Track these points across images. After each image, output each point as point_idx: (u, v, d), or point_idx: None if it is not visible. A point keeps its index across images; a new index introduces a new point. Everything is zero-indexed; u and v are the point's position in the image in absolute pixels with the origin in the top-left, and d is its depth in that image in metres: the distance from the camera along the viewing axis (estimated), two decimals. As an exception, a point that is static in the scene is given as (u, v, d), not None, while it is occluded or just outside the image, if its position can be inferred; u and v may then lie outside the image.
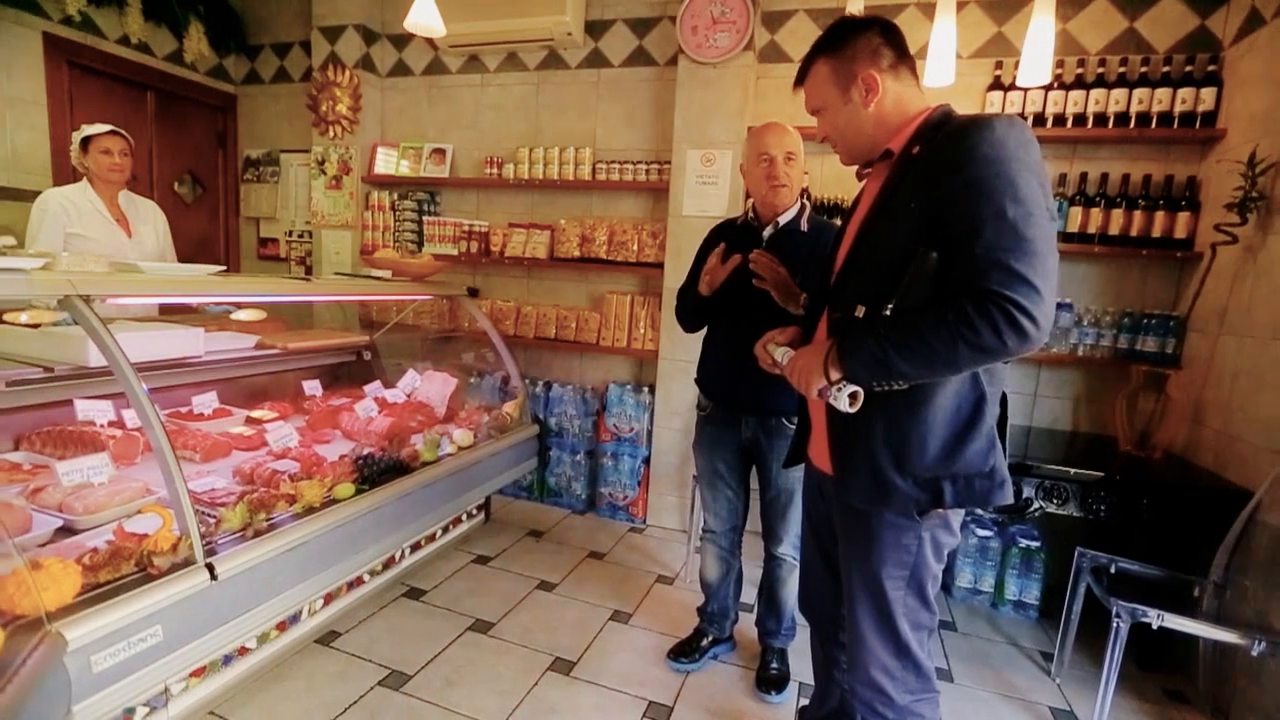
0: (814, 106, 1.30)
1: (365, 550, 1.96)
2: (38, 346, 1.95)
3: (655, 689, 2.04)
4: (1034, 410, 2.92)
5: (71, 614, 1.18)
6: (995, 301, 0.98)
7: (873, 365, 1.09)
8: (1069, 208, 2.69)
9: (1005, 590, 2.65)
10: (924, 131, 1.15)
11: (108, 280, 1.55)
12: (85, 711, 1.19)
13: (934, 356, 1.03)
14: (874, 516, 1.22)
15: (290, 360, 2.79)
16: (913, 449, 1.14)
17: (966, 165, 1.03)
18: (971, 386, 1.14)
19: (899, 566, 1.22)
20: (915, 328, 1.05)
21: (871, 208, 1.22)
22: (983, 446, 1.15)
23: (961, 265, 1.02)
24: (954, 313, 1.01)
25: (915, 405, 1.13)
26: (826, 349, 1.15)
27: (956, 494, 1.14)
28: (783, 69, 3.13)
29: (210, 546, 1.49)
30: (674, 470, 3.29)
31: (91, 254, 2.28)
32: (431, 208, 3.87)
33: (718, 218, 3.10)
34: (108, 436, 1.94)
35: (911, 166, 1.14)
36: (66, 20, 3.44)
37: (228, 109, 4.42)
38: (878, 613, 1.26)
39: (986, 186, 1.01)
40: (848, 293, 1.21)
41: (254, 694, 1.86)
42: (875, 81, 1.19)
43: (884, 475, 1.16)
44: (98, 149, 2.59)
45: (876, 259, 1.17)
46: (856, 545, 1.28)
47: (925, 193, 1.08)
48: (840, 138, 1.28)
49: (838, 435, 1.25)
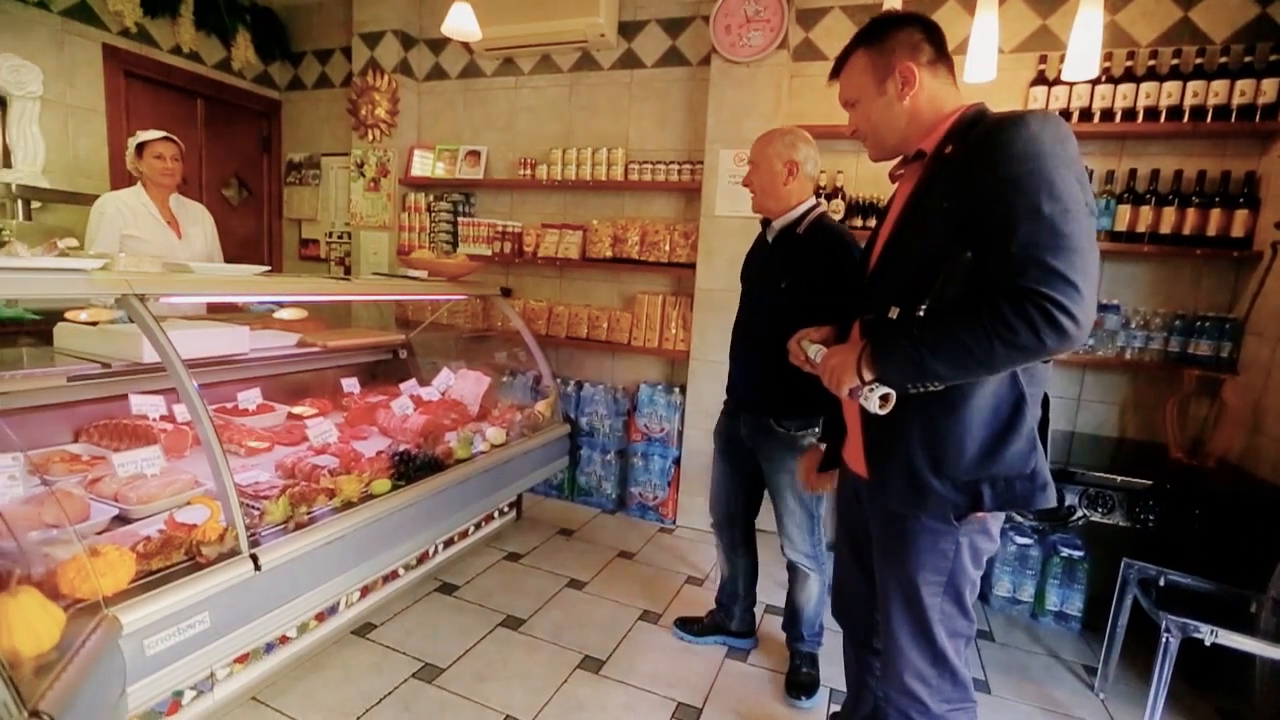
0: (848, 98, 1.28)
1: (400, 545, 2.00)
2: (96, 343, 2.04)
3: (684, 690, 2.04)
4: (1078, 415, 2.83)
5: (126, 599, 1.24)
6: (1032, 299, 0.95)
7: (906, 366, 1.07)
8: (1117, 206, 2.60)
9: (1046, 600, 2.57)
10: (957, 131, 1.13)
11: (161, 280, 1.61)
12: (138, 693, 1.25)
13: (969, 357, 1.01)
14: (910, 520, 1.20)
15: (330, 358, 2.86)
16: (950, 451, 1.12)
17: (1001, 163, 1.01)
18: (1010, 387, 1.11)
19: (936, 572, 1.19)
20: (949, 328, 1.03)
21: (904, 209, 1.21)
22: (1023, 448, 1.11)
23: (997, 264, 1.00)
24: (990, 312, 0.98)
25: (952, 406, 1.11)
26: (860, 348, 1.14)
27: (996, 497, 1.11)
28: (817, 67, 3.09)
29: (254, 538, 1.54)
30: (704, 471, 3.27)
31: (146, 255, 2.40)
32: (466, 209, 3.93)
33: (751, 218, 3.08)
34: (159, 430, 2.02)
35: (944, 166, 1.12)
36: (124, 32, 3.60)
37: (272, 115, 4.56)
38: (913, 619, 1.23)
39: (1021, 183, 0.98)
40: (881, 294, 1.19)
41: (294, 682, 1.91)
42: (912, 74, 1.18)
43: (921, 478, 1.14)
44: (151, 154, 2.71)
45: (909, 260, 1.15)
46: (892, 550, 1.25)
47: (959, 192, 1.07)
48: (872, 130, 1.26)
49: (873, 437, 1.23)
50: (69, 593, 1.16)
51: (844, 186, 3.01)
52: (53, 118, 3.35)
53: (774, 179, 1.92)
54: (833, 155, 3.08)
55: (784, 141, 1.91)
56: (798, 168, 1.90)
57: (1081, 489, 2.24)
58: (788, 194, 1.93)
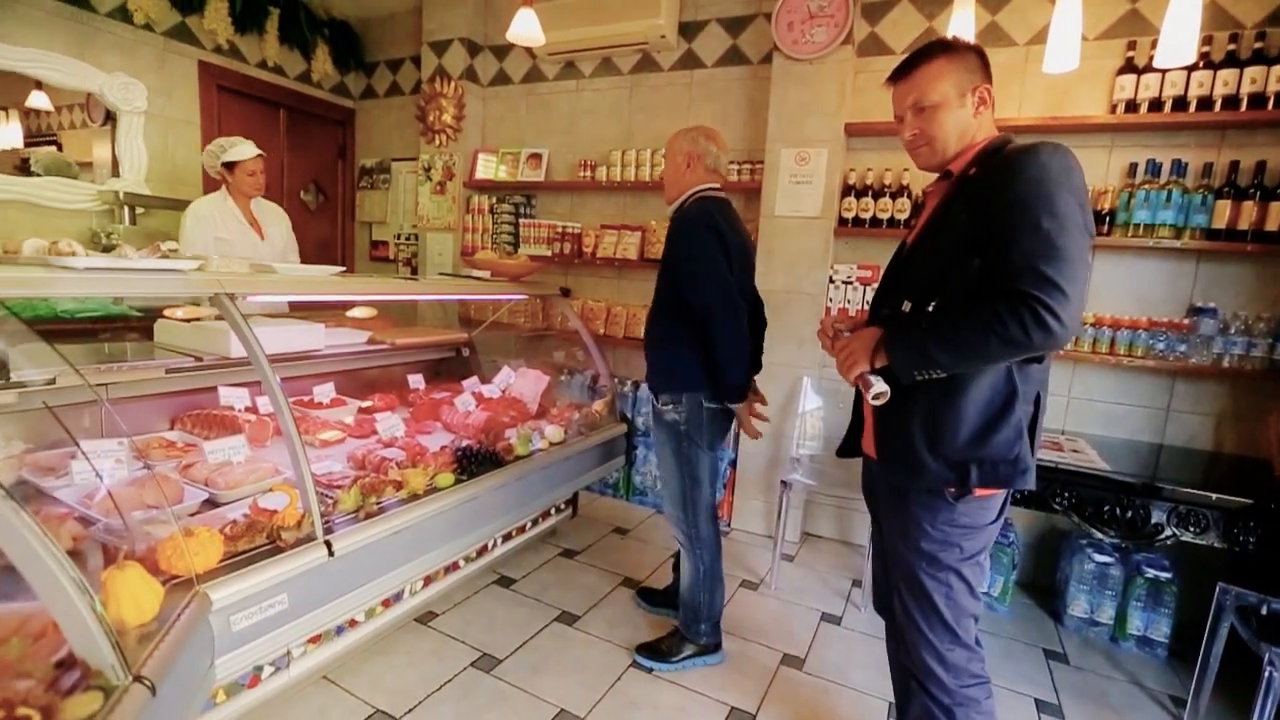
0: (925, 101, 1.32)
1: (462, 537, 2.07)
2: (190, 338, 2.20)
3: (737, 695, 2.02)
4: (1166, 426, 2.64)
5: (215, 578, 1.33)
6: (1024, 300, 1.09)
7: (914, 353, 1.23)
8: (1215, 201, 2.41)
9: (1128, 624, 2.41)
10: (982, 156, 1.28)
11: (249, 280, 1.72)
12: (225, 665, 1.34)
13: (967, 347, 1.16)
14: (911, 498, 1.34)
15: (397, 355, 2.98)
16: (946, 433, 1.26)
17: (1011, 184, 1.16)
18: (1005, 382, 1.24)
19: (934, 544, 1.32)
20: (953, 321, 1.19)
21: (928, 221, 1.36)
22: (1010, 436, 1.24)
23: (999, 270, 1.15)
24: (988, 309, 1.13)
25: (951, 394, 1.25)
26: (877, 336, 1.30)
27: (982, 476, 1.25)
28: (883, 62, 3.00)
29: (328, 525, 1.62)
30: (760, 474, 3.24)
31: (236, 256, 2.57)
32: (527, 210, 4.02)
33: (812, 218, 3.03)
34: (244, 420, 2.15)
35: (966, 186, 1.27)
36: (217, 48, 3.87)
37: (347, 123, 4.80)
38: (919, 593, 1.36)
39: (1026, 203, 1.13)
40: (900, 293, 1.35)
41: (361, 663, 2.01)
42: (990, 97, 1.32)
43: (918, 455, 1.28)
44: (244, 171, 2.87)
45: (926, 265, 1.31)
46: (896, 526, 1.40)
47: (975, 209, 1.21)
48: (940, 138, 1.32)
49: (882, 421, 1.38)
50: (166, 569, 1.25)
51: (910, 185, 2.91)
52: (154, 130, 3.63)
53: (676, 170, 2.09)
54: (898, 153, 2.95)
55: (688, 138, 2.07)
56: (697, 160, 2.04)
57: (1170, 506, 2.08)
58: (684, 182, 2.07)
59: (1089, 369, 2.71)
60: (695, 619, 2.13)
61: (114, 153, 3.54)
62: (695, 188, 2.05)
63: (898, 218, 2.92)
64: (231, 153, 2.83)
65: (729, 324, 1.88)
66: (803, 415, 3.06)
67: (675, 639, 2.16)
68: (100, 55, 3.37)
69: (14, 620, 1.03)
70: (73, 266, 1.35)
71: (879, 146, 3.04)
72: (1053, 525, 2.80)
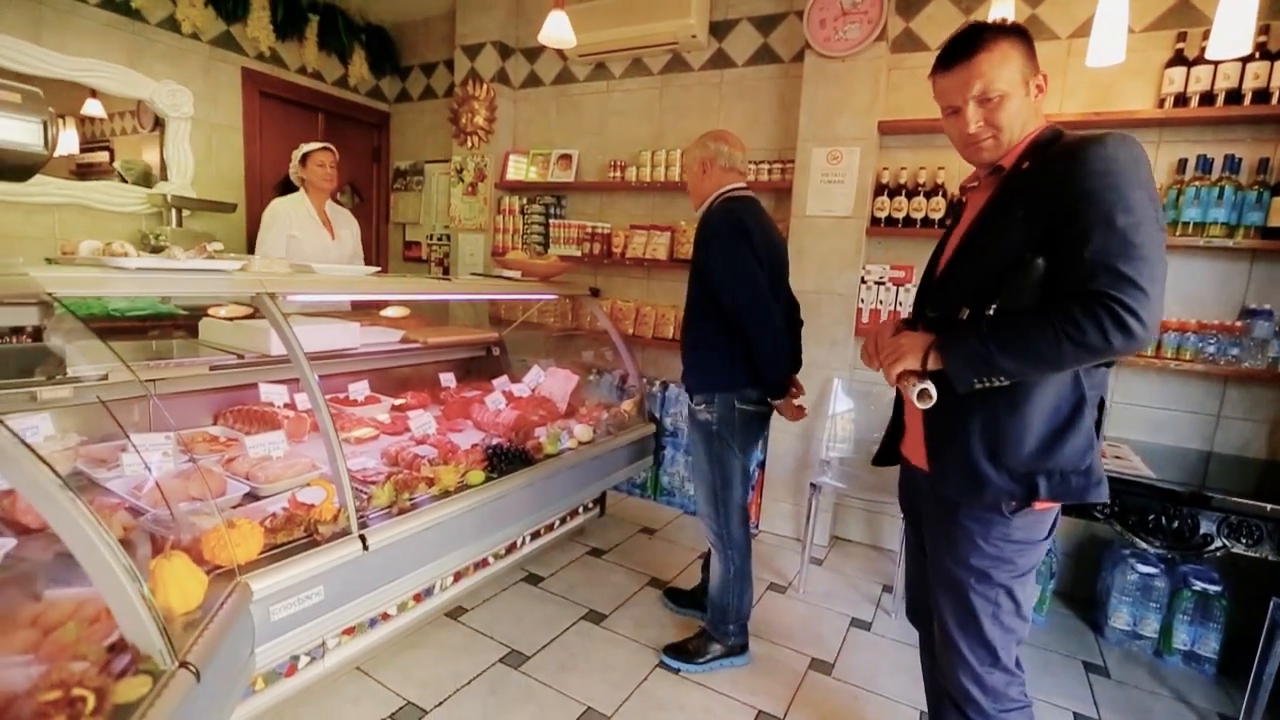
0: (993, 90, 1.20)
1: (492, 534, 2.09)
2: (232, 336, 2.27)
3: (764, 698, 2.01)
4: (1216, 433, 2.54)
5: (256, 569, 1.37)
6: (1102, 302, 1.03)
7: (974, 361, 1.14)
8: (1271, 198, 2.30)
9: (1173, 638, 2.32)
10: (1034, 149, 1.21)
11: (288, 280, 1.77)
12: (264, 654, 1.38)
13: (1037, 354, 1.08)
14: (962, 511, 1.25)
15: (429, 354, 3.03)
16: (1009, 443, 1.18)
17: (1079, 178, 1.08)
18: (1073, 388, 1.17)
19: (987, 562, 1.24)
20: (1019, 327, 1.10)
21: (977, 219, 1.27)
22: (1080, 445, 1.17)
23: (1070, 270, 1.08)
24: (1060, 313, 1.06)
25: (1014, 402, 1.17)
26: (930, 340, 1.21)
27: (1052, 488, 1.17)
28: (919, 58, 2.94)
29: (363, 520, 1.65)
30: (789, 476, 3.21)
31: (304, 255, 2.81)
32: (557, 211, 4.05)
33: (843, 217, 3.00)
34: (283, 416, 2.21)
35: (1021, 180, 1.20)
36: (259, 55, 3.98)
37: (382, 125, 4.90)
38: (964, 613, 1.28)
39: (1097, 197, 1.06)
40: (949, 295, 1.27)
41: (393, 656, 2.05)
42: (1047, 83, 1.24)
43: (978, 467, 1.20)
44: (315, 162, 3.07)
45: (981, 265, 1.22)
46: (943, 539, 1.31)
47: (1035, 205, 1.14)
48: (1006, 128, 1.22)
49: (934, 428, 1.29)
50: (210, 559, 1.29)
51: (945, 184, 2.85)
52: (200, 135, 3.75)
53: (695, 178, 2.12)
54: (932, 150, 2.93)
55: (700, 144, 2.10)
56: (710, 163, 2.07)
57: (1220, 516, 2.00)
58: (704, 188, 2.09)
59: (1134, 372, 2.62)
60: (724, 619, 2.12)
61: (162, 157, 3.68)
62: (718, 190, 2.06)
63: (932, 217, 2.86)
64: (305, 147, 3.08)
65: (761, 322, 1.90)
66: (833, 417, 3.02)
67: (702, 639, 2.15)
68: (151, 64, 3.50)
69: (70, 604, 1.08)
70: (125, 267, 1.41)
71: (913, 145, 2.98)
72: (1093, 534, 2.72)
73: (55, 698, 0.83)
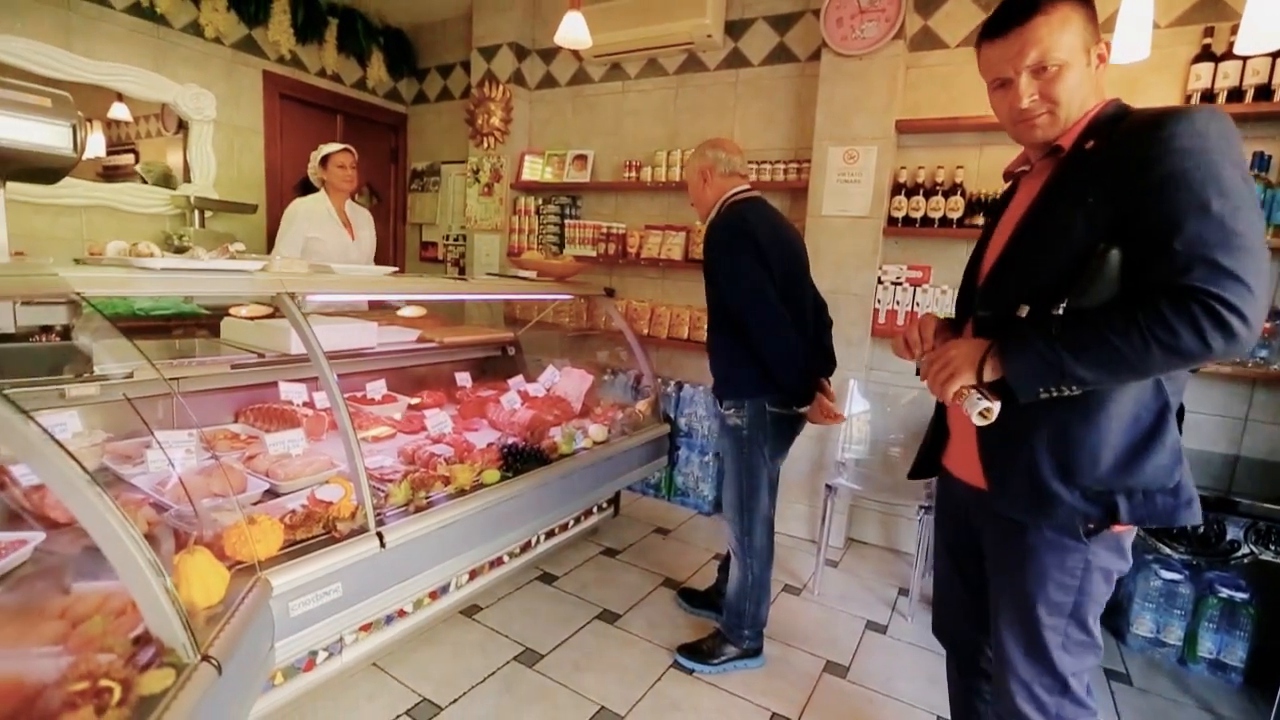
0: (1051, 59, 1.06)
1: (507, 533, 2.10)
2: (253, 335, 2.31)
3: (778, 700, 2.00)
4: (1244, 437, 2.48)
5: (275, 565, 1.39)
6: (1198, 299, 0.90)
7: (1041, 368, 1.00)
8: (1302, 197, 2.25)
9: (1198, 646, 2.27)
10: (1098, 126, 1.07)
11: (308, 280, 1.79)
12: (283, 648, 1.40)
13: (1118, 360, 0.95)
14: (1031, 533, 1.12)
15: (445, 353, 3.06)
16: (1083, 458, 1.05)
17: (1163, 158, 0.95)
18: (1154, 394, 1.04)
19: (1060, 591, 1.11)
20: (1096, 328, 0.96)
21: (1034, 206, 1.13)
22: (1167, 460, 1.04)
23: (1157, 263, 0.94)
24: (1146, 312, 0.93)
25: (1087, 412, 1.04)
26: (985, 346, 1.07)
27: (1134, 510, 1.04)
28: (937, 56, 2.92)
29: (380, 517, 1.67)
30: (804, 477, 3.19)
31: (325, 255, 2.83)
32: (573, 211, 4.06)
33: (860, 217, 2.98)
34: (302, 414, 2.24)
35: (1085, 161, 1.06)
36: (280, 59, 4.04)
37: (400, 127, 4.94)
38: (1030, 642, 1.15)
39: (1187, 179, 0.93)
40: (1004, 292, 1.13)
41: (409, 653, 2.07)
42: (1107, 55, 1.10)
43: (1046, 485, 1.07)
44: (335, 164, 3.10)
45: (1043, 257, 1.08)
46: (1009, 565, 1.17)
47: (1107, 188, 1.01)
48: (1066, 103, 1.08)
49: (990, 440, 1.15)
50: (231, 555, 1.32)
51: (964, 183, 2.82)
52: (222, 138, 3.82)
53: (697, 188, 2.13)
54: (952, 149, 2.90)
55: (697, 154, 2.10)
56: (710, 171, 2.07)
57: (1248, 522, 1.96)
58: (707, 197, 2.09)
59: (1157, 375, 2.57)
60: (739, 624, 2.12)
61: (185, 159, 3.75)
62: (722, 196, 2.06)
63: (950, 216, 2.83)
64: (325, 149, 3.11)
65: (768, 329, 1.88)
66: (849, 419, 3.00)
67: (717, 640, 2.15)
68: (175, 68, 3.57)
69: (97, 598, 1.10)
70: (150, 267, 1.44)
71: (931, 143, 2.96)
72: (1116, 538, 2.67)
73: (83, 688, 0.85)
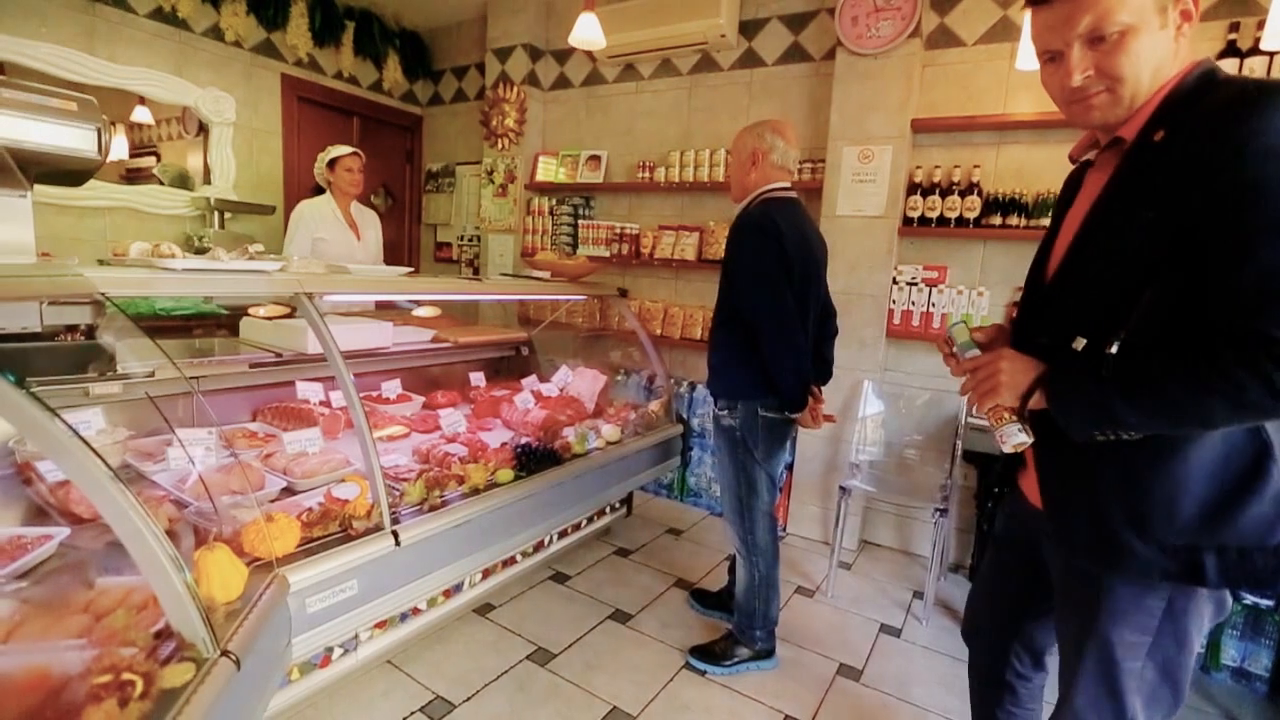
0: (1110, 25, 0.88)
1: (520, 533, 2.11)
2: (271, 335, 2.34)
3: (791, 703, 1.99)
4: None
5: (292, 562, 1.41)
6: (1268, 349, 0.76)
7: (1091, 412, 0.89)
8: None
9: (1221, 653, 2.23)
10: (1171, 108, 0.89)
11: (326, 280, 1.81)
12: (300, 644, 1.41)
13: (1177, 411, 0.83)
14: (1104, 579, 0.98)
15: (459, 353, 3.08)
16: (1158, 509, 0.90)
17: (1236, 160, 0.78)
18: (1249, 436, 0.88)
19: (1138, 631, 0.97)
20: (1152, 374, 0.84)
21: (1094, 210, 0.97)
22: (1267, 512, 0.87)
23: (1221, 295, 0.80)
24: (1208, 359, 0.79)
25: (1159, 455, 0.90)
26: (1039, 372, 0.96)
27: (1225, 570, 0.88)
28: (953, 54, 2.89)
29: (395, 516, 1.68)
30: (817, 478, 3.17)
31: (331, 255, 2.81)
32: (586, 211, 4.07)
33: (875, 217, 2.96)
34: (319, 413, 2.27)
35: (1152, 158, 0.89)
36: (298, 62, 4.09)
37: (415, 129, 4.98)
38: (1105, 690, 1.01)
39: (1265, 191, 0.76)
40: (1061, 316, 0.99)
41: (422, 651, 2.08)
42: (1194, 11, 0.89)
43: (1116, 536, 0.93)
44: (343, 167, 3.12)
45: (1100, 279, 0.94)
46: (1079, 602, 1.03)
47: (1171, 195, 0.85)
48: (1132, 78, 0.90)
49: (1048, 471, 1.04)
50: (250, 551, 1.33)
51: (980, 182, 2.79)
52: (241, 140, 3.87)
53: (741, 168, 2.03)
54: (969, 148, 2.87)
55: (754, 133, 1.99)
56: (763, 156, 1.97)
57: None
58: (749, 181, 2.00)
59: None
60: (750, 624, 2.11)
61: (205, 162, 3.81)
62: (762, 188, 1.98)
63: (966, 216, 2.80)
64: (332, 151, 3.13)
65: (778, 334, 1.85)
66: (863, 420, 2.98)
67: (729, 642, 2.14)
68: (196, 72, 3.63)
69: (120, 592, 1.12)
70: (173, 268, 1.46)
71: (947, 142, 2.93)
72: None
73: (107, 681, 0.87)
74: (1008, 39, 2.76)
